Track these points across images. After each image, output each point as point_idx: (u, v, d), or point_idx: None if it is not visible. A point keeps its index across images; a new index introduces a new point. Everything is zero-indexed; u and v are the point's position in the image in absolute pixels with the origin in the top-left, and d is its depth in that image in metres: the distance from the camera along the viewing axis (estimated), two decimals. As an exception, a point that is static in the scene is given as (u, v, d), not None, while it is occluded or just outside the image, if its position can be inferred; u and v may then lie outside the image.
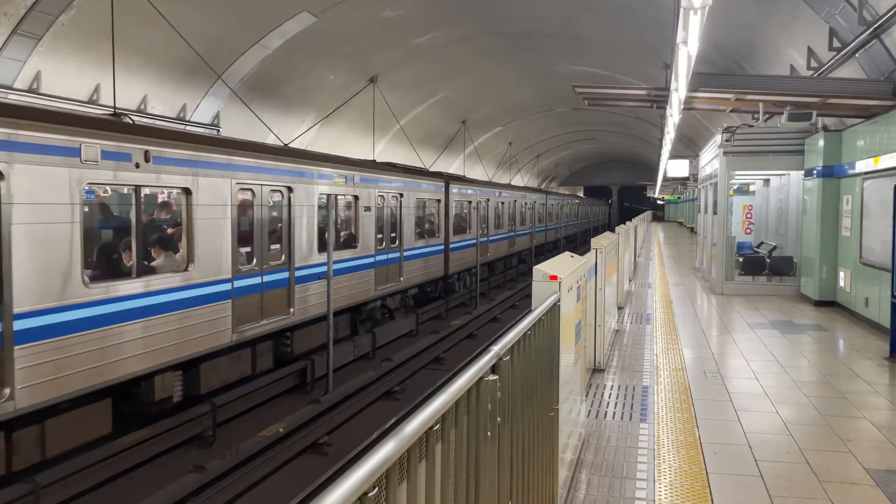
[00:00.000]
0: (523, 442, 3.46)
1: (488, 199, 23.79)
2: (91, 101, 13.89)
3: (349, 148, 22.41)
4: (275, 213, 10.77)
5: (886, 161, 10.75)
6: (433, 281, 18.42)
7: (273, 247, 10.72)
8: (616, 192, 77.62)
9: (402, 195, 15.95)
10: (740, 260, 16.75)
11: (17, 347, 6.37)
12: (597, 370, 8.32)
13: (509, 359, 3.06)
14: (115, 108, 11.74)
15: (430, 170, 21.37)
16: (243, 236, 9.91)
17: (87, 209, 7.28)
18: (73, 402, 7.11)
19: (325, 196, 11.99)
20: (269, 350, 10.63)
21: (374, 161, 16.50)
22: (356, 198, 13.50)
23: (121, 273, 7.83)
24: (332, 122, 22.23)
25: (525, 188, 33.35)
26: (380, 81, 21.84)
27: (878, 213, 11.34)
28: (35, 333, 6.57)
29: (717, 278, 15.83)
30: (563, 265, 4.87)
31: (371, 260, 14.05)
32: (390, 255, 15.24)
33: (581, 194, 69.41)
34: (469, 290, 21.28)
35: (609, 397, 7.29)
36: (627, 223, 18.10)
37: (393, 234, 15.55)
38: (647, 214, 50.76)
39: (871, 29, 10.40)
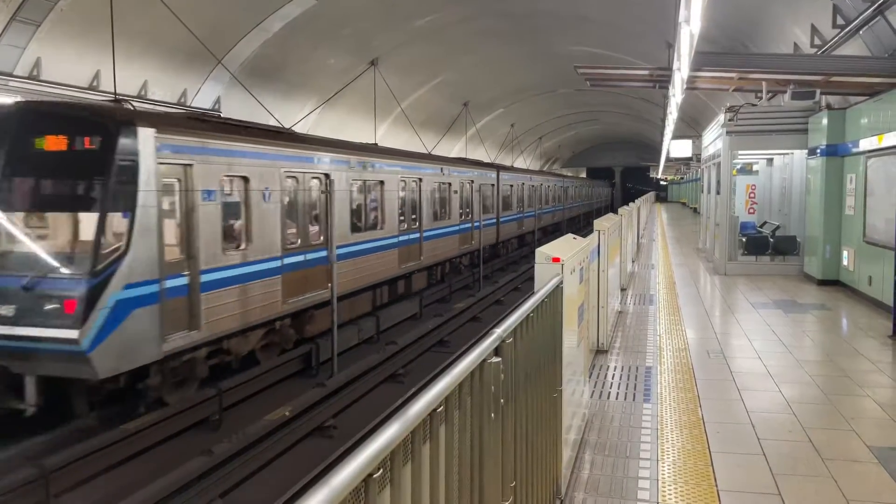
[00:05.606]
0: (527, 423, 3.49)
1: (566, 187, 42.14)
2: (91, 88, 13.85)
3: (351, 132, 22.35)
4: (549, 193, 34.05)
5: (891, 139, 10.68)
6: (557, 223, 36.44)
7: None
8: (619, 174, 77.26)
9: (547, 184, 34.37)
10: (743, 240, 16.70)
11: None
12: (600, 351, 8.34)
13: (512, 341, 3.07)
14: (115, 94, 11.71)
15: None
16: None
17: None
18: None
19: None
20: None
21: (550, 171, 41.26)
22: (534, 188, 30.83)
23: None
24: (333, 106, 22.15)
25: (575, 177, 52.37)
26: (381, 64, 21.73)
27: (882, 191, 11.30)
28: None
29: (720, 259, 15.80)
30: (565, 247, 4.87)
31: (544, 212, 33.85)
32: (548, 211, 34.52)
33: (584, 175, 69.18)
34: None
35: (612, 378, 7.32)
36: (630, 204, 18.09)
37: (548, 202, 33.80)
38: (651, 195, 50.64)
39: (876, 6, 10.30)
